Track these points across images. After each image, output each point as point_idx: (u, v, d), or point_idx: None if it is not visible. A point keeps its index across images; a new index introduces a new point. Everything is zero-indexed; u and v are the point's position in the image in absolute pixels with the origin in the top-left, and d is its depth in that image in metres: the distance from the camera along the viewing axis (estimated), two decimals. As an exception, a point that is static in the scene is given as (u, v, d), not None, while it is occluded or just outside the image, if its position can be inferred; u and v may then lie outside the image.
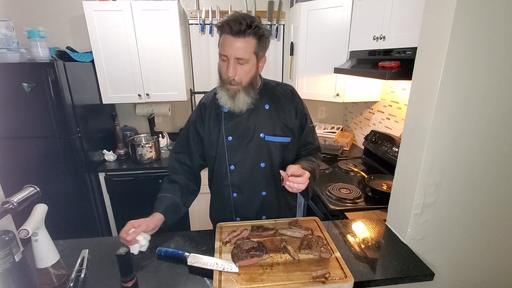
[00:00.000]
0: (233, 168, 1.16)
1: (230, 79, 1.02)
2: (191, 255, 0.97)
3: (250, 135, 1.14)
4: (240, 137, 1.14)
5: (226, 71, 1.02)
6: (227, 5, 2.44)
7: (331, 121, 2.92)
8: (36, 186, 0.95)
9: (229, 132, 1.14)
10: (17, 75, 1.77)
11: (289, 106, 1.18)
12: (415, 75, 1.04)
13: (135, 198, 2.29)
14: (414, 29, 1.36)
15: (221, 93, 1.08)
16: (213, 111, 1.16)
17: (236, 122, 1.13)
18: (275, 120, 1.15)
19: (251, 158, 1.15)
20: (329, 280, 0.86)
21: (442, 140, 0.97)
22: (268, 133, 1.14)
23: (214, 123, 1.16)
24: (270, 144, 1.15)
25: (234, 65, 1.00)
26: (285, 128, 1.17)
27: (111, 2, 2.06)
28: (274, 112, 1.16)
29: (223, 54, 1.01)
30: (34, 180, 1.96)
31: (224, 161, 1.16)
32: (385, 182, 1.73)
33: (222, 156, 1.16)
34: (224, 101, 1.07)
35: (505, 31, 0.88)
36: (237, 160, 1.15)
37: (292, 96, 1.20)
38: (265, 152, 1.15)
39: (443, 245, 1.13)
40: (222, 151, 1.15)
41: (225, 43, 0.99)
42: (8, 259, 0.88)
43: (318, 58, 2.21)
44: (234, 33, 0.96)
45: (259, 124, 1.14)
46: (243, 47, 0.98)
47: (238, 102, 1.06)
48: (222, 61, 1.04)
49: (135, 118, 2.67)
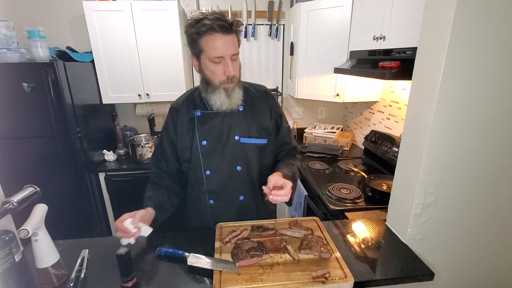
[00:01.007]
0: (208, 174, 1.13)
1: (230, 78, 1.02)
2: (191, 255, 0.97)
3: (225, 138, 1.11)
4: (214, 141, 1.11)
5: (226, 71, 1.01)
6: (227, 5, 2.44)
7: (331, 121, 2.92)
8: (36, 186, 0.95)
9: (203, 136, 1.11)
10: (17, 75, 1.77)
11: (263, 107, 1.17)
12: (415, 75, 1.04)
13: (135, 198, 2.25)
14: (414, 29, 1.36)
15: (215, 97, 1.05)
16: (185, 116, 1.13)
17: (210, 125, 1.11)
18: (250, 122, 1.13)
19: (227, 162, 1.13)
20: (329, 280, 0.86)
21: (442, 140, 0.97)
22: (243, 135, 1.12)
23: (187, 128, 1.13)
24: (246, 147, 1.13)
25: (231, 63, 1.00)
26: (261, 129, 1.15)
27: (111, 2, 2.06)
28: (248, 113, 1.13)
29: (218, 56, 0.98)
30: (34, 180, 1.96)
31: (199, 167, 1.13)
32: (385, 182, 1.73)
33: (196, 161, 1.13)
34: (220, 102, 1.05)
35: (505, 31, 0.88)
36: (213, 165, 1.13)
37: (265, 97, 1.19)
38: (241, 155, 1.13)
39: (443, 245, 1.12)
40: (197, 156, 1.12)
41: (217, 44, 0.96)
42: (8, 259, 0.88)
43: (318, 58, 2.21)
44: (224, 31, 0.96)
45: (234, 126, 1.11)
46: (233, 42, 0.99)
47: (234, 99, 1.06)
48: (213, 65, 1.00)
49: (135, 118, 2.67)
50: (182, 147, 1.15)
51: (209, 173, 1.14)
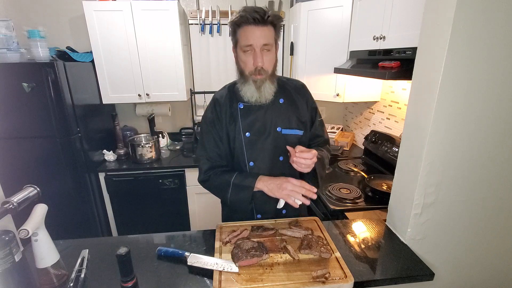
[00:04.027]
0: (252, 165, 1.15)
1: (257, 69, 1.03)
2: (191, 255, 0.97)
3: (267, 130, 1.14)
4: (258, 133, 1.14)
5: (254, 62, 1.02)
6: (227, 5, 2.44)
7: (331, 121, 2.92)
8: (36, 186, 0.95)
9: (247, 128, 1.13)
10: (17, 75, 1.77)
11: (300, 100, 1.20)
12: (415, 75, 1.04)
13: (135, 198, 2.29)
14: (414, 29, 1.36)
15: (246, 88, 1.08)
16: (228, 109, 1.15)
17: (254, 118, 1.13)
18: (290, 114, 1.17)
19: (270, 153, 1.15)
20: (329, 280, 0.86)
21: (442, 140, 0.97)
22: (285, 127, 1.15)
23: (230, 120, 1.15)
24: (287, 138, 1.16)
25: (260, 54, 1.02)
26: (299, 121, 1.18)
27: (111, 2, 2.06)
28: (288, 106, 1.17)
29: (248, 44, 1.01)
30: (34, 180, 1.96)
31: (242, 158, 1.15)
32: (385, 182, 1.73)
33: (240, 153, 1.15)
34: (250, 94, 1.08)
35: (505, 31, 0.88)
36: (256, 156, 1.15)
37: (303, 90, 1.23)
38: (282, 146, 1.15)
39: (443, 245, 1.12)
40: (240, 148, 1.14)
41: (248, 34, 1.00)
42: (8, 259, 0.88)
43: (318, 58, 2.21)
44: (257, 22, 0.98)
45: (276, 118, 1.14)
46: (266, 34, 1.00)
47: (264, 92, 1.08)
48: (244, 54, 1.04)
49: (135, 118, 2.67)
50: (226, 139, 1.16)
51: (252, 165, 1.15)
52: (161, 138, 2.52)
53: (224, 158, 1.19)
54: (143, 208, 2.33)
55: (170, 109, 2.60)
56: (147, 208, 2.33)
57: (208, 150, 1.18)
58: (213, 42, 2.55)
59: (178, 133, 2.73)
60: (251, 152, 1.14)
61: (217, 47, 2.57)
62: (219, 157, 1.18)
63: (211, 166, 1.18)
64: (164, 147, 2.56)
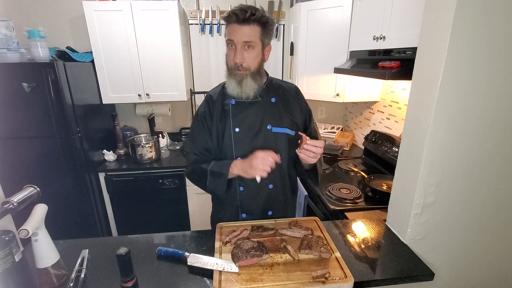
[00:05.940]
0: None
1: (237, 65, 1.05)
2: (191, 255, 0.97)
3: (257, 126, 1.15)
4: (247, 129, 1.15)
5: (234, 57, 1.04)
6: (227, 5, 2.44)
7: (331, 121, 2.92)
8: (36, 186, 0.95)
9: (237, 123, 1.15)
10: (17, 75, 1.77)
11: (294, 102, 1.21)
12: (415, 75, 1.04)
13: (135, 198, 2.29)
14: (414, 29, 1.36)
15: (228, 81, 1.10)
16: (220, 105, 1.17)
17: (244, 115, 1.15)
18: (283, 113, 1.18)
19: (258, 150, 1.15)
20: (329, 280, 0.86)
21: (442, 140, 0.97)
22: (275, 125, 1.16)
23: (221, 117, 1.16)
24: (277, 136, 1.17)
25: (241, 51, 1.04)
26: (291, 121, 1.19)
27: (111, 2, 2.06)
28: (280, 105, 1.18)
29: (229, 39, 1.04)
30: (34, 180, 1.96)
31: (230, 153, 1.16)
32: (385, 182, 1.73)
33: (228, 148, 1.16)
34: (231, 88, 1.09)
35: (505, 30, 0.88)
36: (244, 152, 1.15)
37: (296, 93, 1.24)
38: (272, 144, 1.16)
39: (443, 245, 1.13)
40: (229, 143, 1.16)
41: (231, 30, 1.03)
42: (8, 259, 0.88)
43: (318, 58, 2.21)
44: (239, 20, 1.00)
45: (267, 116, 1.15)
46: (248, 32, 1.02)
47: (245, 88, 1.08)
48: (229, 49, 1.07)
49: (135, 118, 2.67)
50: (216, 134, 1.18)
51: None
52: (161, 138, 2.52)
53: (213, 154, 1.21)
54: (143, 208, 2.33)
55: (170, 109, 2.60)
56: (147, 208, 2.33)
57: (197, 144, 1.20)
58: (213, 42, 2.55)
59: (178, 133, 2.73)
60: (240, 147, 1.15)
61: (217, 47, 2.56)
62: (207, 152, 1.20)
63: (197, 159, 1.20)
64: (164, 147, 2.56)
